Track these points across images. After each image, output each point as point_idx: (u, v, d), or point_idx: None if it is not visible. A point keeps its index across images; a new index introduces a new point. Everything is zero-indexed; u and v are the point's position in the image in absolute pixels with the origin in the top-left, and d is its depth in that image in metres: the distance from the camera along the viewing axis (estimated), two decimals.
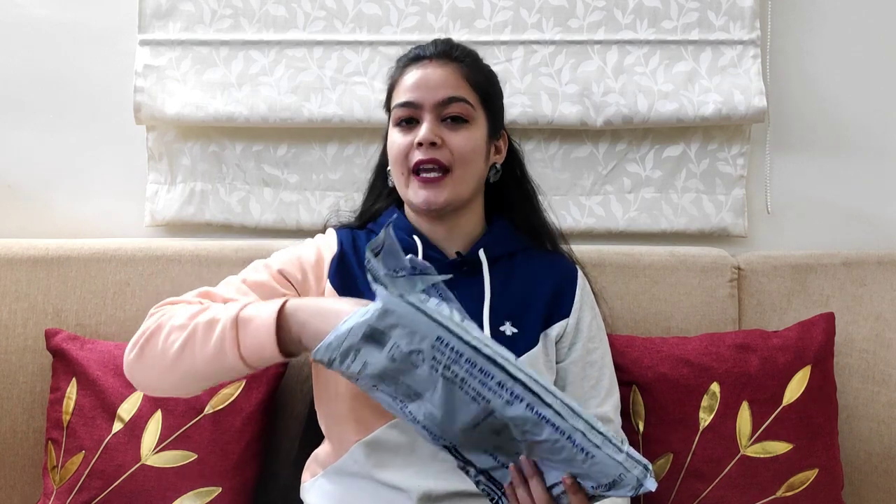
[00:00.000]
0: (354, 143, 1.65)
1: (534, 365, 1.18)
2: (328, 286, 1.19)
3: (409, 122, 1.20)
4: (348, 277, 1.21)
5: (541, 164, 1.65)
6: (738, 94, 1.59)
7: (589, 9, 1.62)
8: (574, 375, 1.23)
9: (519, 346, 1.18)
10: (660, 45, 1.62)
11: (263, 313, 1.00)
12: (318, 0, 1.63)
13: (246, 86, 1.62)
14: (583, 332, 1.25)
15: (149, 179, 1.68)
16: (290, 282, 1.19)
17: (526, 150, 1.63)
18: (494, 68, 1.58)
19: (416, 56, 1.23)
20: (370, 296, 1.06)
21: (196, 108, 1.61)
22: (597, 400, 1.23)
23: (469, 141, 1.19)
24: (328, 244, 1.25)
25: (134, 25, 1.64)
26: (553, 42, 1.62)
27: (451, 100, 1.18)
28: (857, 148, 1.68)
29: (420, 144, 1.17)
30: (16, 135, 1.69)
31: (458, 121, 1.19)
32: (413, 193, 1.19)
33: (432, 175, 1.17)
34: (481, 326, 1.17)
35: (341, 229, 1.29)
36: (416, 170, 1.18)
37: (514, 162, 1.32)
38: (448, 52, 1.23)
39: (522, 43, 1.62)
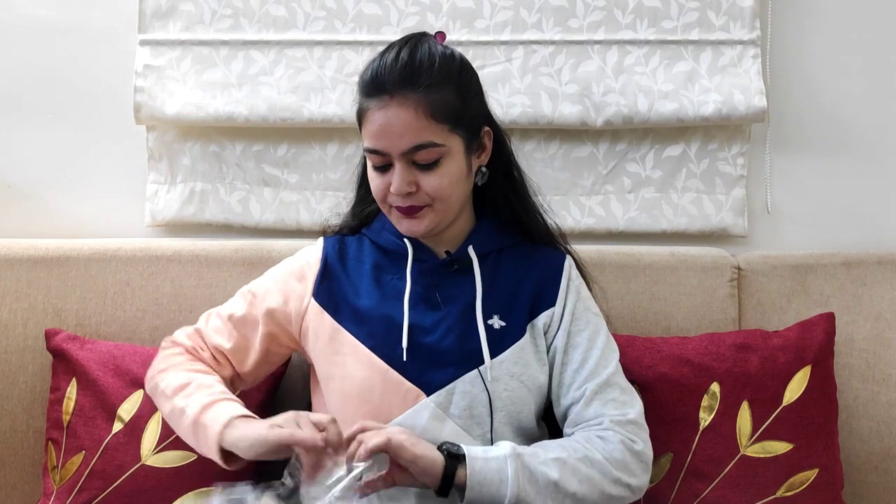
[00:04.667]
0: (354, 143, 1.65)
1: (521, 356, 1.19)
2: (312, 302, 1.23)
3: (381, 166, 1.18)
4: (332, 289, 1.24)
5: (541, 164, 1.65)
6: (738, 94, 1.59)
7: (589, 9, 1.62)
8: (557, 362, 1.22)
9: (507, 338, 1.20)
10: (660, 45, 1.62)
11: (210, 433, 1.10)
12: (318, 0, 1.63)
13: (246, 86, 1.62)
14: (566, 318, 1.23)
15: (149, 179, 1.67)
16: (277, 318, 1.25)
17: (526, 150, 1.64)
18: (494, 68, 1.61)
19: (377, 88, 1.14)
20: (352, 302, 1.18)
21: (196, 108, 1.61)
22: (578, 381, 1.20)
23: (444, 179, 1.16)
24: (314, 258, 1.27)
25: (134, 25, 1.64)
26: (553, 42, 1.62)
27: (416, 148, 1.13)
28: (857, 148, 1.67)
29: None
30: (16, 135, 1.69)
31: (430, 164, 1.15)
32: (396, 223, 1.22)
33: (410, 207, 1.18)
34: (473, 321, 1.19)
35: (330, 238, 1.31)
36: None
37: (500, 152, 1.28)
38: (410, 79, 1.12)
39: (522, 43, 1.62)
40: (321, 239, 1.31)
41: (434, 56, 1.15)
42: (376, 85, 1.14)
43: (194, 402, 1.14)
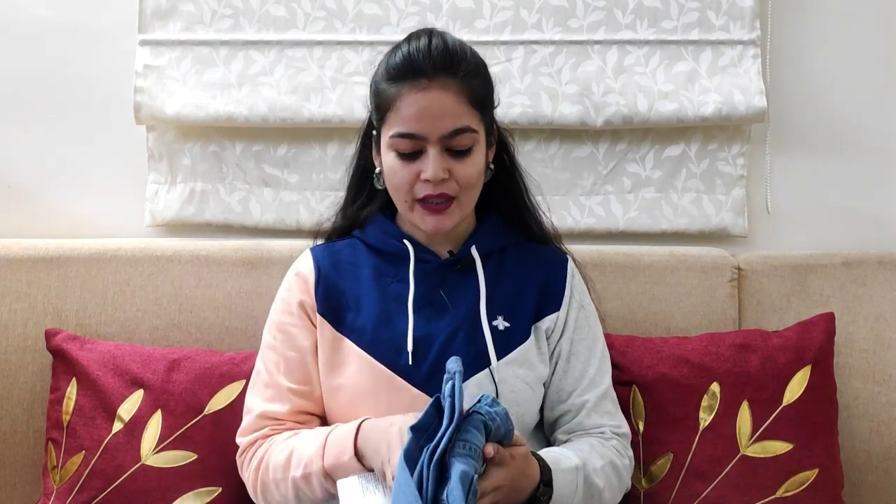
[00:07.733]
0: (354, 143, 1.65)
1: (526, 357, 1.19)
2: (319, 319, 1.21)
3: (411, 153, 1.15)
4: (333, 298, 1.22)
5: (541, 164, 1.65)
6: (738, 94, 1.59)
7: (589, 9, 1.62)
8: (559, 369, 1.24)
9: (511, 339, 1.20)
10: (660, 45, 1.62)
11: (345, 458, 1.07)
12: (318, 0, 1.63)
13: (246, 86, 1.62)
14: (569, 326, 1.25)
15: (149, 179, 1.67)
16: (315, 346, 1.22)
17: (526, 150, 1.64)
18: (494, 68, 1.58)
19: (413, 71, 1.13)
20: (353, 309, 1.19)
21: (196, 108, 1.61)
22: (579, 390, 1.23)
23: (475, 168, 1.17)
24: (307, 269, 1.25)
25: (134, 25, 1.64)
26: (553, 42, 1.62)
27: (456, 132, 1.13)
28: (857, 148, 1.67)
29: (427, 180, 1.14)
30: (16, 135, 1.69)
31: (464, 150, 1.15)
32: (420, 220, 1.18)
33: (440, 204, 1.16)
34: (478, 322, 1.19)
35: (316, 248, 1.29)
36: (423, 198, 1.16)
37: (502, 150, 1.29)
38: (448, 66, 1.13)
39: (522, 43, 1.62)
40: (308, 250, 1.29)
41: (465, 46, 1.18)
42: (412, 68, 1.13)
43: (314, 459, 1.11)
